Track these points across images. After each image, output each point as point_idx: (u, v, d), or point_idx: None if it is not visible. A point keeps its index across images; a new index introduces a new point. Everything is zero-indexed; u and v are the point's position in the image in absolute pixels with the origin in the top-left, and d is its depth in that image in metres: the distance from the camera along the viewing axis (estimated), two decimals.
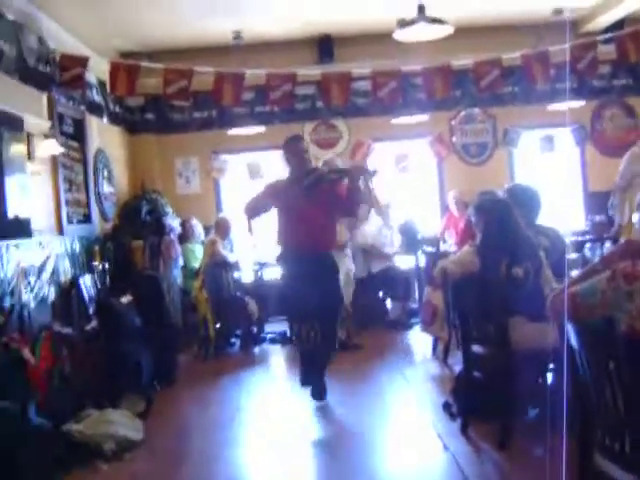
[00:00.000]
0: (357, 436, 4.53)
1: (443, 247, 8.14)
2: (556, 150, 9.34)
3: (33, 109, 5.76)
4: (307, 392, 5.18)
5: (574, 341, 2.33)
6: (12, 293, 4.90)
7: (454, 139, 9.39)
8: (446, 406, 4.75)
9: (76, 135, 6.82)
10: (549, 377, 4.56)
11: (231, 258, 7.80)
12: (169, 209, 8.35)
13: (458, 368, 5.03)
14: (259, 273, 8.40)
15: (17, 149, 5.42)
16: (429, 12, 5.79)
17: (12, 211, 5.20)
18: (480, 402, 4.35)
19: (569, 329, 2.35)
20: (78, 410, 4.61)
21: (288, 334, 7.31)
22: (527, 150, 9.43)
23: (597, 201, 9.02)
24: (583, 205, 9.45)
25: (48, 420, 4.18)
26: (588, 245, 6.84)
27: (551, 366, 4.42)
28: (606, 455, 2.29)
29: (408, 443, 4.35)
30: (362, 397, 5.37)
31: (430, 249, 7.58)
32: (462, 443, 4.16)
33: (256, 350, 7.54)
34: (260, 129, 8.75)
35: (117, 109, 8.24)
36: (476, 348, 4.33)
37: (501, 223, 4.26)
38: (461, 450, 4.05)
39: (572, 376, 2.40)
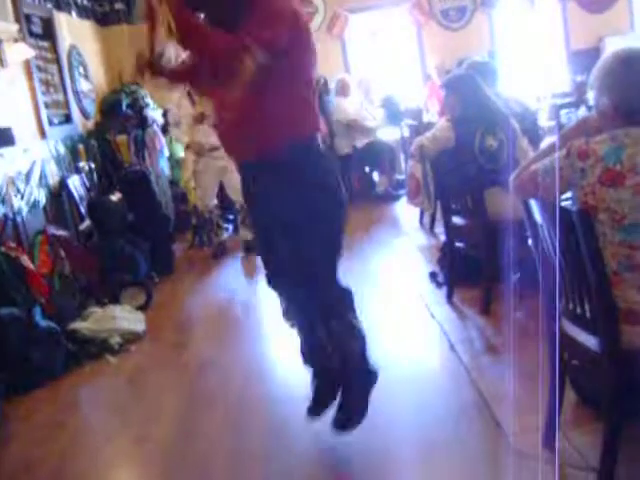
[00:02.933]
0: None
1: (426, 117, 8.16)
2: (537, 7, 9.18)
3: None
4: None
5: (538, 216, 2.46)
6: (3, 202, 4.99)
7: (432, 5, 9.20)
8: (432, 275, 4.96)
9: (46, 35, 6.66)
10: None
11: (217, 143, 7.80)
12: (150, 100, 8.29)
13: (444, 238, 5.20)
14: None
15: None
16: None
17: None
18: (463, 271, 4.56)
19: (533, 205, 2.48)
20: (82, 309, 4.83)
21: None
22: (507, 11, 9.26)
23: (580, 59, 8.93)
24: (567, 64, 9.35)
25: (54, 322, 4.40)
26: (565, 111, 6.86)
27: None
28: (570, 319, 2.47)
29: (396, 312, 4.57)
30: (351, 270, 5.53)
31: (412, 122, 7.59)
32: (448, 310, 4.38)
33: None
34: None
35: (85, 2, 8.02)
36: (456, 220, 4.48)
37: (472, 97, 4.30)
38: (447, 317, 4.27)
39: (537, 248, 2.55)
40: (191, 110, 6.43)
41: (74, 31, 7.45)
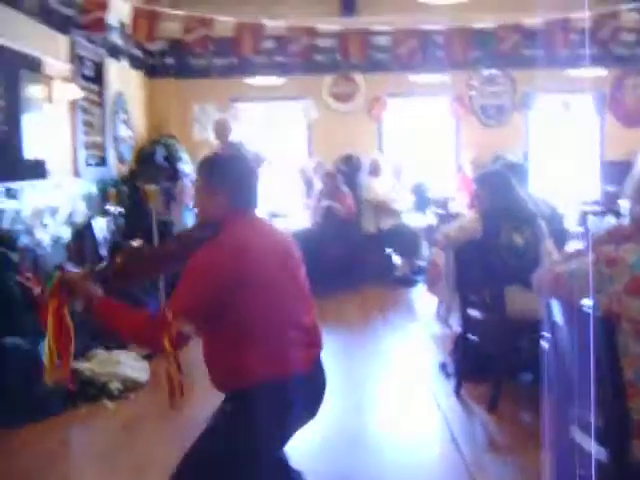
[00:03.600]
0: (354, 387, 4.69)
1: (453, 207, 8.19)
2: (574, 116, 9.33)
3: (53, 51, 5.80)
4: None
5: (558, 317, 2.44)
6: (27, 233, 5.03)
7: (472, 100, 9.36)
8: (443, 366, 4.90)
9: (96, 78, 6.85)
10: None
11: None
12: (185, 155, 8.42)
13: (459, 330, 5.16)
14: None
15: (36, 91, 5.49)
16: None
17: (29, 153, 5.29)
18: (475, 365, 4.50)
19: (554, 306, 2.46)
20: (87, 349, 4.79)
21: None
22: (545, 114, 9.40)
23: (612, 170, 8.98)
24: (599, 173, 9.40)
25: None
26: (592, 218, 6.88)
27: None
28: (580, 427, 2.42)
29: (402, 399, 4.50)
30: (362, 351, 5.50)
31: (438, 210, 7.64)
32: (454, 403, 4.31)
33: None
34: (279, 80, 8.75)
35: (137, 52, 8.26)
36: (473, 312, 4.44)
37: (502, 193, 4.33)
38: (452, 408, 4.21)
39: (553, 350, 2.51)
40: None
41: (122, 78, 7.65)
